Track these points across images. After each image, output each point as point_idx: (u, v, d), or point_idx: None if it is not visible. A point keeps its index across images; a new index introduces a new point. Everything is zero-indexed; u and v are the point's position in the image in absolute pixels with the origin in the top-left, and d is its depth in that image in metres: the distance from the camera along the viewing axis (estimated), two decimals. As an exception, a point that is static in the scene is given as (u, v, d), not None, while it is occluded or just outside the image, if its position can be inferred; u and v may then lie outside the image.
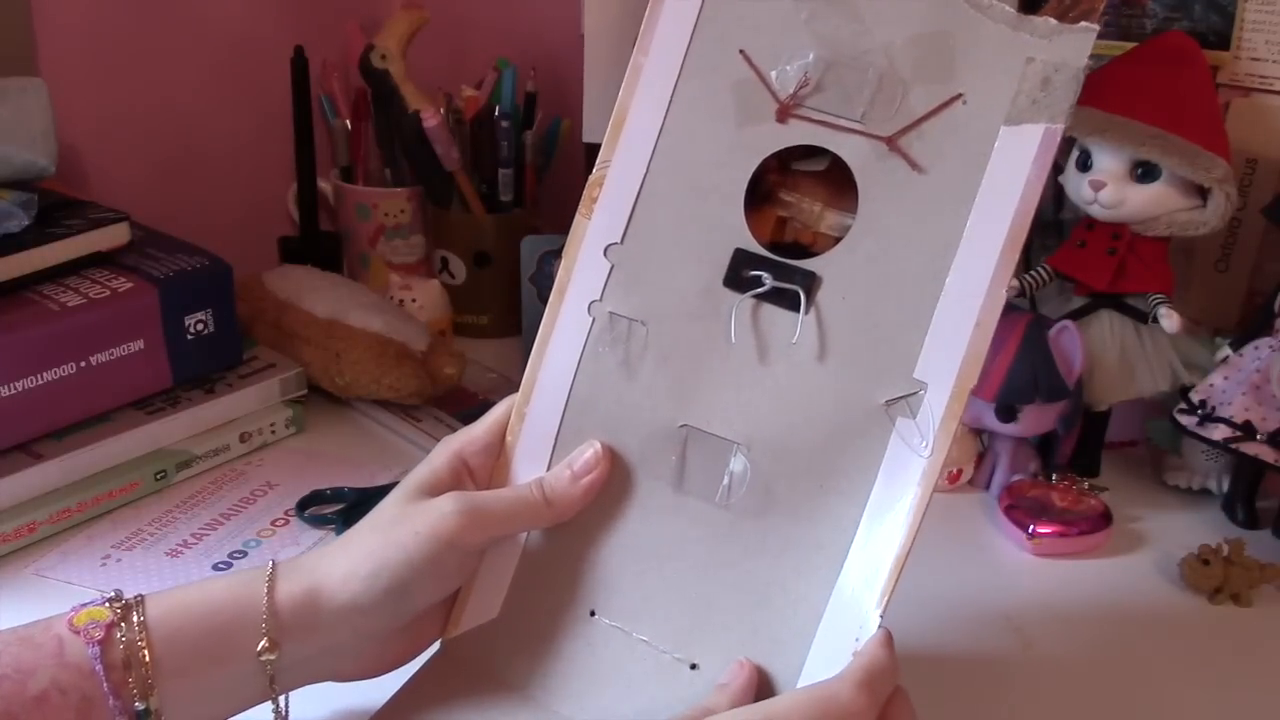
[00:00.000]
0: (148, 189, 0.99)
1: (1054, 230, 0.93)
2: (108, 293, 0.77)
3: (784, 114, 0.51)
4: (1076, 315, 0.83)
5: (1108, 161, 0.79)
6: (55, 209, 0.80)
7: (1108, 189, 0.79)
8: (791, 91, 0.51)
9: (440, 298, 1.02)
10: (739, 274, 0.52)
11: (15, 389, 0.72)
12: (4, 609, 0.67)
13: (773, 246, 0.53)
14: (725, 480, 0.52)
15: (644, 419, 0.53)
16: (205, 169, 1.05)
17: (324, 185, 1.08)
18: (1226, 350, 0.80)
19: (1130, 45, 0.84)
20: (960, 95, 0.49)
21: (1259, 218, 0.84)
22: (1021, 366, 0.79)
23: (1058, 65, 0.48)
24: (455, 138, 1.01)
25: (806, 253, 0.52)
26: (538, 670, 0.53)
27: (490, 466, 0.55)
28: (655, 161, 0.53)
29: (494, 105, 1.03)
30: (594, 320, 0.54)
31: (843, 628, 0.49)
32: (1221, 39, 0.84)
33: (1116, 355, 0.82)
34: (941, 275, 0.49)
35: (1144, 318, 0.82)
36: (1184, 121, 0.78)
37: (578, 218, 0.54)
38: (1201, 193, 0.79)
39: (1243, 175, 0.84)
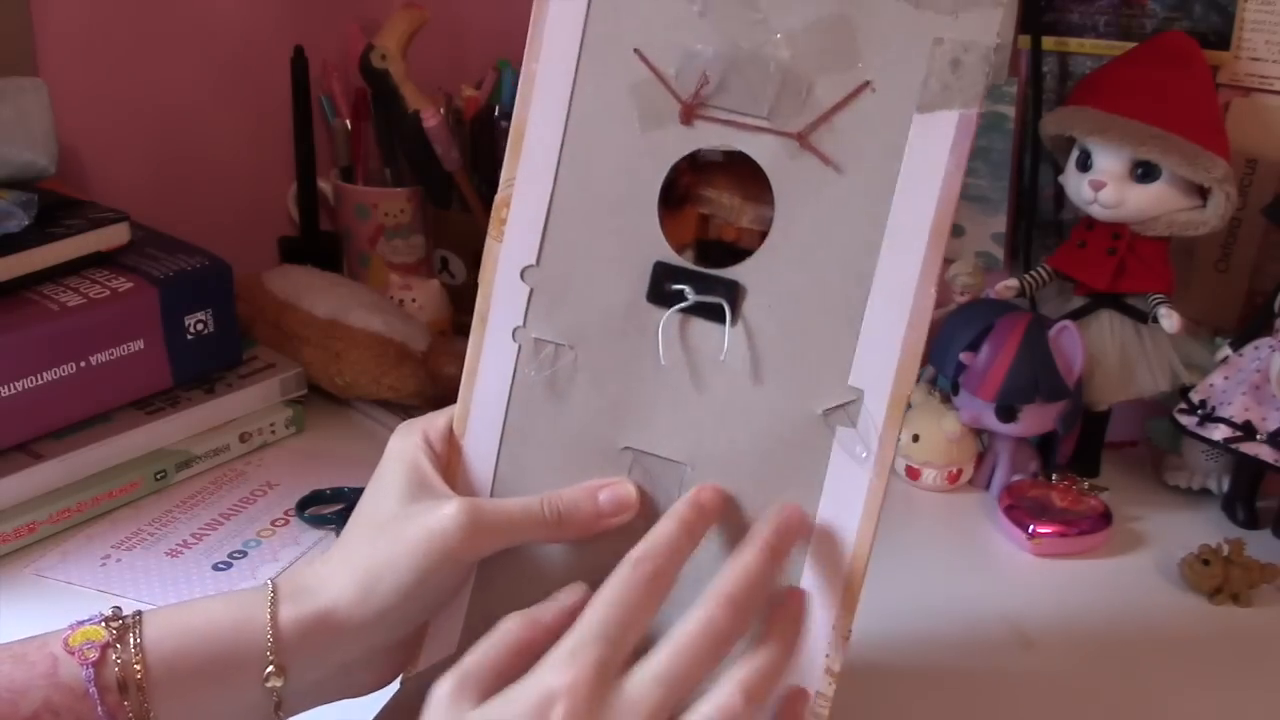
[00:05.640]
0: (148, 189, 0.99)
1: (1054, 230, 0.93)
2: (108, 293, 0.77)
3: (688, 115, 0.49)
4: (1076, 315, 0.83)
5: (1108, 161, 0.79)
6: (55, 209, 0.80)
7: (1108, 189, 0.79)
8: (693, 91, 0.49)
9: (440, 298, 1.02)
10: (662, 288, 0.50)
11: (15, 389, 0.72)
12: (4, 609, 0.67)
13: (699, 245, 0.51)
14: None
15: (584, 444, 0.51)
16: (205, 169, 1.05)
17: (324, 185, 1.08)
18: (1226, 350, 0.80)
19: (1130, 45, 0.84)
20: (868, 83, 0.47)
21: (1259, 218, 0.84)
22: (1021, 366, 0.78)
23: (967, 45, 0.46)
24: (455, 138, 1.01)
25: (731, 249, 0.51)
26: None
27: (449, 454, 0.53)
28: (561, 175, 0.50)
29: (494, 105, 1.03)
30: (520, 347, 0.51)
31: (810, 650, 0.48)
32: (1221, 39, 0.84)
33: (1116, 355, 0.82)
34: (867, 276, 0.47)
35: (1144, 318, 0.82)
36: (1184, 121, 0.78)
37: (489, 241, 0.52)
38: (1201, 193, 0.79)
39: (1243, 175, 0.84)
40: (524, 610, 0.47)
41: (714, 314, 0.49)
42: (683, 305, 0.49)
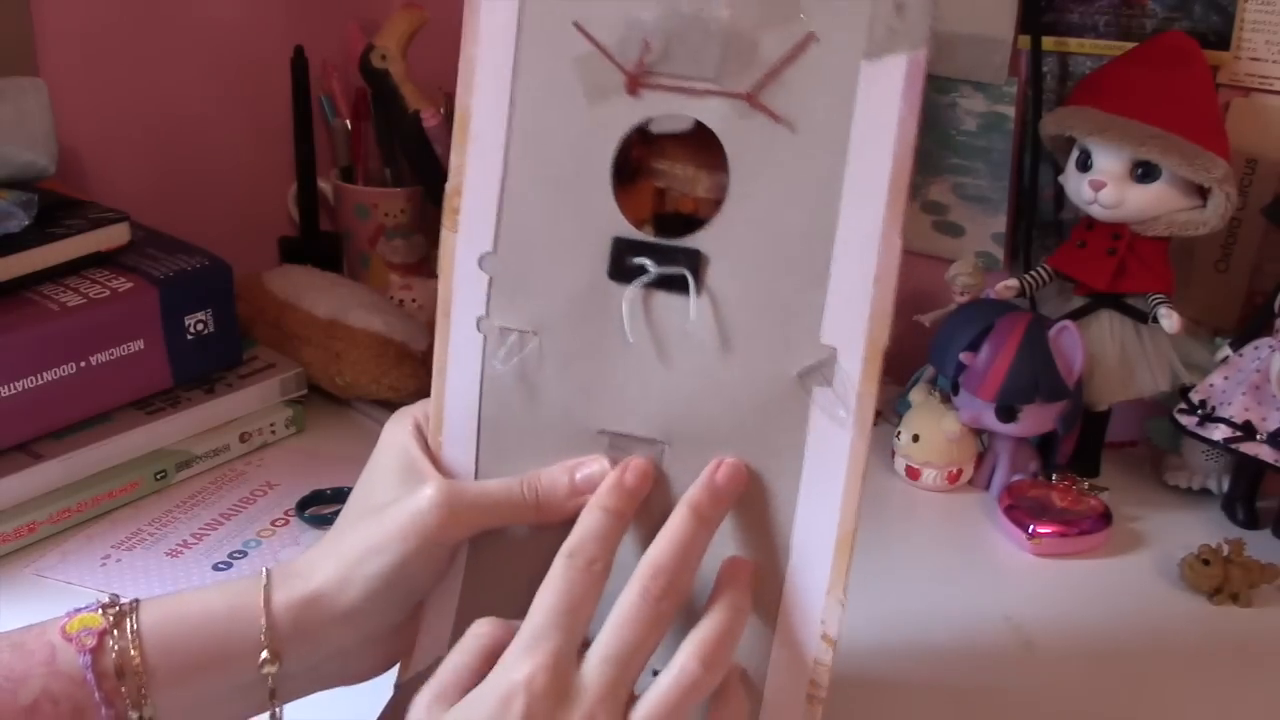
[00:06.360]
0: (148, 189, 0.99)
1: (1054, 230, 0.93)
2: (108, 293, 0.77)
3: (634, 86, 0.48)
4: (1076, 315, 0.83)
5: (1108, 161, 0.79)
6: (55, 209, 0.80)
7: (1108, 189, 0.79)
8: (636, 60, 0.47)
9: (440, 298, 1.02)
10: (622, 264, 0.49)
11: (15, 389, 0.72)
12: (4, 609, 0.67)
13: (656, 220, 0.51)
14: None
15: (560, 431, 0.50)
16: (205, 169, 1.05)
17: (324, 185, 1.08)
18: (1226, 350, 0.80)
19: (1130, 45, 0.84)
20: (812, 34, 0.46)
21: (1259, 218, 0.84)
22: (1021, 366, 0.78)
23: None
24: (455, 138, 1.01)
25: (690, 221, 0.50)
26: None
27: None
28: (511, 158, 0.49)
29: (494, 105, 1.03)
30: (485, 337, 0.51)
31: (803, 617, 0.49)
32: (1221, 39, 0.84)
33: (1116, 355, 0.82)
34: (830, 231, 0.47)
35: (1144, 318, 0.82)
36: (1184, 121, 0.78)
37: (443, 231, 0.51)
38: (1201, 193, 0.79)
39: (1243, 175, 0.84)
40: (491, 618, 0.47)
41: (678, 285, 0.48)
42: (645, 279, 0.48)
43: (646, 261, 0.48)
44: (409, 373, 0.88)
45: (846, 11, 0.46)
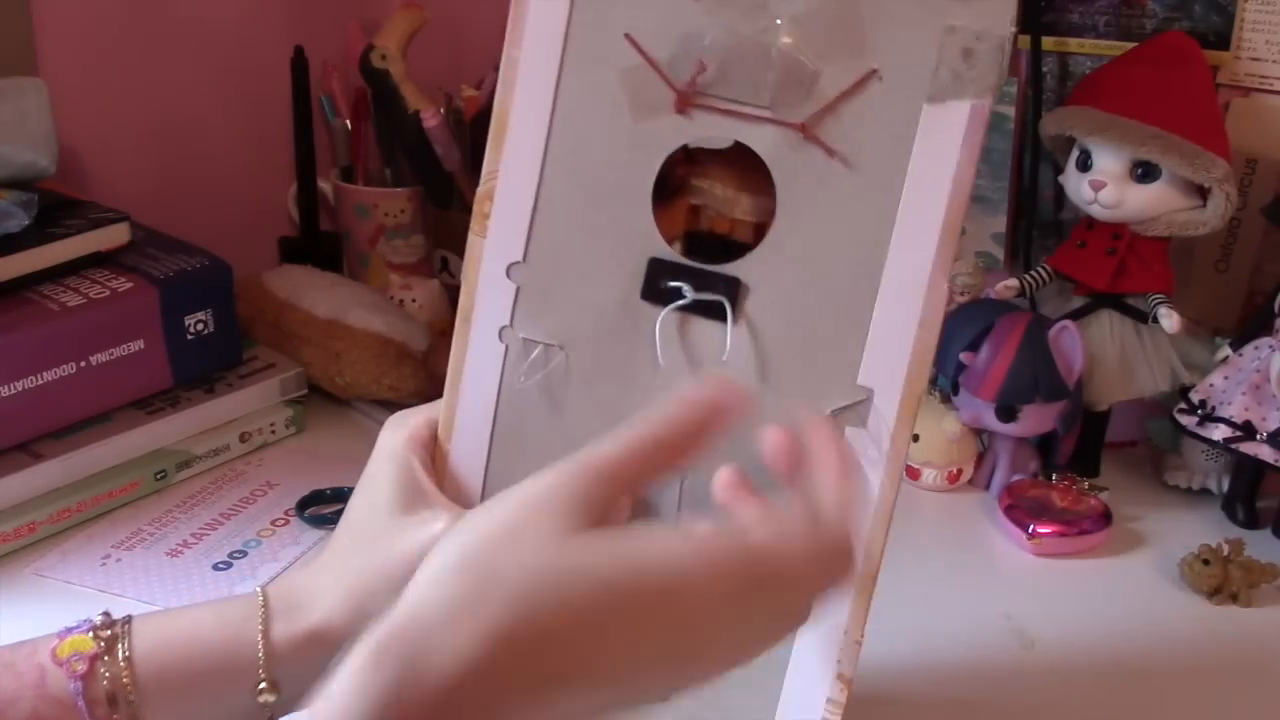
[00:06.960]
0: (148, 189, 0.99)
1: (1054, 230, 0.93)
2: (108, 293, 0.77)
3: (684, 104, 0.47)
4: (1076, 315, 0.83)
5: (1108, 161, 0.79)
6: (55, 209, 0.80)
7: (1107, 189, 0.79)
8: (689, 79, 0.46)
9: (440, 298, 1.02)
10: (657, 285, 0.47)
11: (15, 389, 0.72)
12: (4, 609, 0.67)
13: (688, 238, 0.50)
14: (677, 507, 0.48)
15: (578, 447, 0.48)
16: (205, 169, 1.05)
17: (324, 185, 1.08)
18: (1226, 350, 0.80)
19: (1130, 45, 0.84)
20: (875, 71, 0.45)
21: (1259, 218, 0.84)
22: (1021, 366, 0.78)
23: (980, 34, 0.44)
24: (455, 138, 1.01)
25: (724, 242, 0.49)
26: None
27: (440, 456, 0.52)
28: (548, 167, 0.48)
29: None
30: (507, 347, 0.50)
31: (819, 656, 0.48)
32: (1221, 39, 0.84)
33: (1116, 355, 0.82)
34: (876, 272, 0.46)
35: (1144, 318, 0.82)
36: (1184, 121, 0.78)
37: (471, 236, 0.49)
38: (1201, 193, 0.79)
39: (1243, 175, 0.84)
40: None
41: (713, 312, 0.47)
42: (680, 303, 0.47)
43: (683, 285, 0.47)
44: (409, 373, 0.88)
45: (913, 52, 0.45)
